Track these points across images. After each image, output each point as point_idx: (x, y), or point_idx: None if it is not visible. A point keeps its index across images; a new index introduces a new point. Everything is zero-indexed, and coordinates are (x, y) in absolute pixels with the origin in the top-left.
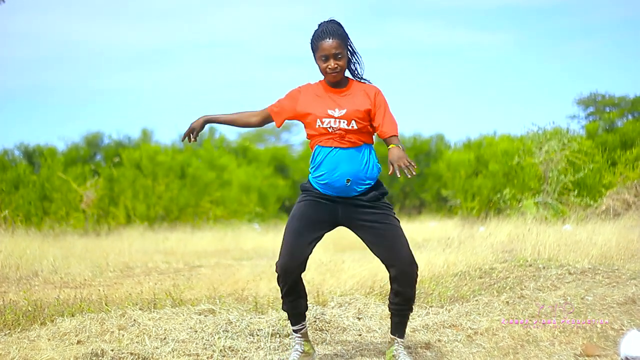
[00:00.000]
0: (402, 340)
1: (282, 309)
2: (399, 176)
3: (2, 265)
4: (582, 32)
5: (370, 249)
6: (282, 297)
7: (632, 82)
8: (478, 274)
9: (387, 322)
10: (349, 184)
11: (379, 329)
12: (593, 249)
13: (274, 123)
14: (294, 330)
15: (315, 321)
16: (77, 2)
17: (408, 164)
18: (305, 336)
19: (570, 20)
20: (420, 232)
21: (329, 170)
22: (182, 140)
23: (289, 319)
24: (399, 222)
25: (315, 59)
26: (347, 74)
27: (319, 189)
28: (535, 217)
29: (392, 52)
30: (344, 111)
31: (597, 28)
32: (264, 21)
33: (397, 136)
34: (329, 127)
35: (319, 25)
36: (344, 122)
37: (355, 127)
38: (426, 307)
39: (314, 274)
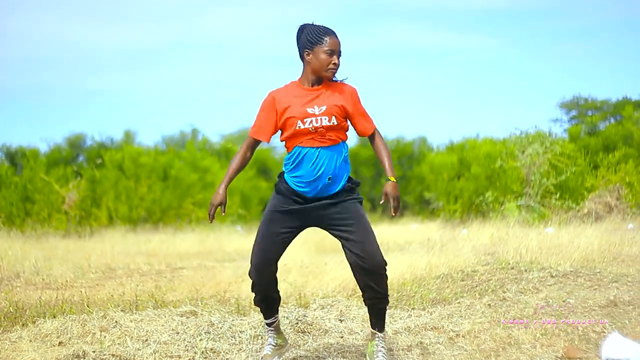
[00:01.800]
0: (382, 334)
1: (255, 302)
2: (393, 215)
3: None
4: (565, 36)
5: (342, 244)
6: (254, 293)
7: (615, 86)
8: (460, 276)
9: (369, 324)
10: (330, 181)
11: (361, 331)
12: (575, 252)
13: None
14: (266, 324)
15: (297, 323)
16: (61, 4)
17: (398, 204)
18: (277, 329)
19: (553, 25)
20: (403, 235)
21: (309, 170)
22: (212, 221)
23: (261, 312)
24: (366, 217)
25: (308, 53)
26: None
27: (295, 187)
28: (518, 220)
29: (375, 55)
30: (323, 107)
31: (579, 32)
32: (251, 22)
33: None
34: (311, 127)
35: (310, 25)
36: (325, 118)
37: (336, 123)
38: (408, 310)
39: (296, 276)
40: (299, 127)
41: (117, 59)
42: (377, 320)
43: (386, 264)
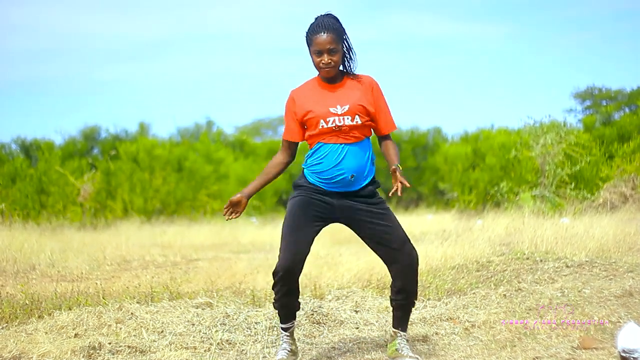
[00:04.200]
0: (405, 333)
1: (274, 306)
2: (399, 194)
3: (0, 258)
4: (578, 25)
5: (370, 246)
6: (276, 295)
7: (629, 75)
8: (475, 267)
9: (385, 315)
10: (352, 179)
11: (377, 322)
12: (590, 242)
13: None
14: (283, 329)
15: (312, 314)
16: None
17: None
18: (292, 335)
19: (567, 13)
20: (418, 225)
21: (332, 166)
22: (225, 215)
23: (279, 316)
24: (394, 215)
25: (310, 53)
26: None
27: (316, 183)
28: (533, 210)
29: (389, 45)
30: (346, 107)
31: (593, 21)
32: (262, 13)
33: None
34: (334, 126)
35: (315, 19)
36: (348, 118)
37: (360, 122)
38: (423, 300)
39: (311, 267)
40: (322, 126)
41: (131, 50)
42: (402, 321)
43: (418, 261)
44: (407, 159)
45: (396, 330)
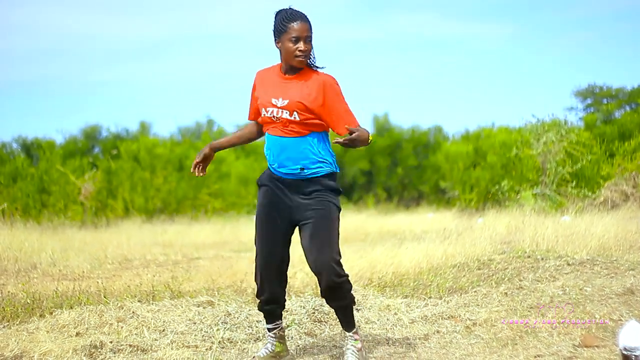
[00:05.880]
0: (350, 333)
1: (258, 308)
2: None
3: (1, 257)
4: (579, 23)
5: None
6: (259, 299)
7: (630, 74)
8: (476, 265)
9: (386, 314)
10: (302, 172)
11: (378, 320)
12: (591, 240)
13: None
14: (268, 329)
15: (314, 312)
16: None
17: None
18: (279, 336)
19: (568, 12)
20: (419, 224)
21: (278, 157)
22: (192, 171)
23: (264, 317)
24: (338, 220)
25: (278, 42)
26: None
27: (273, 172)
28: (534, 209)
29: (390, 45)
30: (286, 101)
31: (594, 19)
32: (262, 14)
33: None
34: (272, 116)
35: (281, 10)
36: (285, 112)
37: (298, 119)
38: (425, 299)
39: None
40: (263, 115)
41: (131, 50)
42: (343, 322)
43: (340, 277)
44: (408, 158)
45: (343, 331)
